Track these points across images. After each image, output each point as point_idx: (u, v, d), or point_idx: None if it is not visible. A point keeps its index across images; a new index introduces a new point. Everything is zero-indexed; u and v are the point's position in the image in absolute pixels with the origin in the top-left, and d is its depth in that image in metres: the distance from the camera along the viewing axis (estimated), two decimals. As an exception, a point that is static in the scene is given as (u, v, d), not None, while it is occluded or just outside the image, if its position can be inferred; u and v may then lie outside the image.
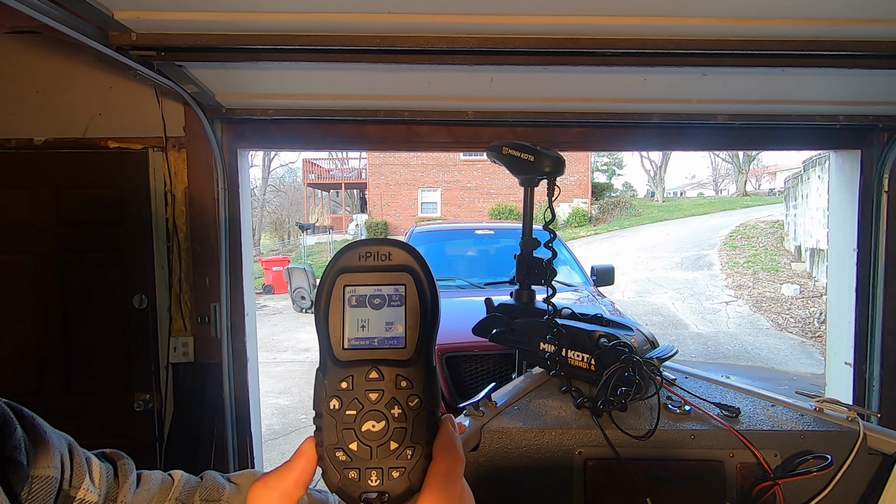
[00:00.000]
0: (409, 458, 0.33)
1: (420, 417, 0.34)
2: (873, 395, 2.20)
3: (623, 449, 0.84)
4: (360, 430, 0.33)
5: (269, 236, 31.28)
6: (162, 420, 2.09)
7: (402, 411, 0.33)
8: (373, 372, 0.34)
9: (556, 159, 0.99)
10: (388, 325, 0.35)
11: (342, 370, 0.34)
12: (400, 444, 0.33)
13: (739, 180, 30.15)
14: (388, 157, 21.91)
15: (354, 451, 0.33)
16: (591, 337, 0.94)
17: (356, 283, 0.35)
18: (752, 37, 1.40)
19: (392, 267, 0.35)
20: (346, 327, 0.35)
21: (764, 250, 13.77)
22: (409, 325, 0.35)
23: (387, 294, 0.35)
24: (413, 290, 0.35)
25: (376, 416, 0.33)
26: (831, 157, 2.45)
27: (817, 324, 8.47)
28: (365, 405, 0.33)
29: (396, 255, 0.35)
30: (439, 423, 0.35)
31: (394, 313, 0.35)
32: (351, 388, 0.34)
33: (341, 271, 0.35)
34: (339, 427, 0.33)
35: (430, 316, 0.35)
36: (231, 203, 2.10)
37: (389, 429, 0.33)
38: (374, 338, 0.34)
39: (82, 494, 0.55)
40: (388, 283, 0.35)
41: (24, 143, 2.03)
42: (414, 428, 0.34)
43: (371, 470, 0.33)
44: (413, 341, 0.34)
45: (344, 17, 1.33)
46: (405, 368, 0.34)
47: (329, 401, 0.34)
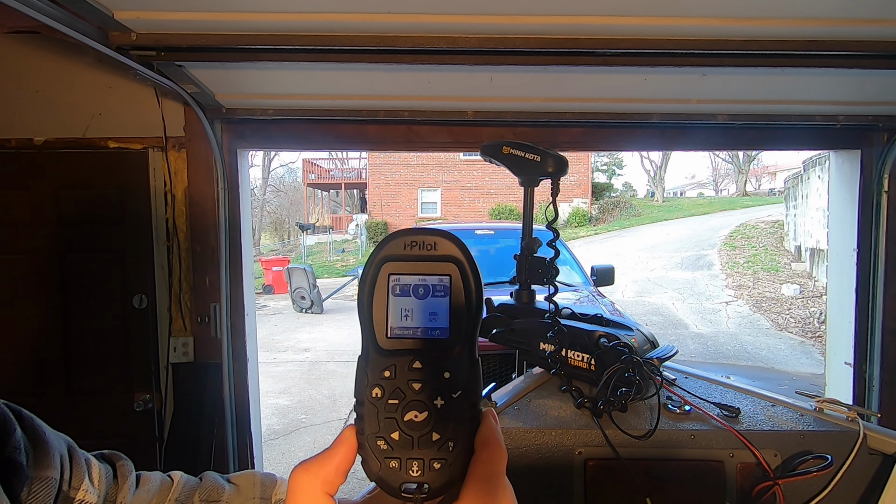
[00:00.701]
0: (451, 449, 0.33)
1: (462, 409, 0.33)
2: (873, 395, 2.20)
3: (623, 449, 0.84)
4: (402, 420, 0.33)
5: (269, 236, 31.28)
6: (162, 420, 2.09)
7: (444, 402, 0.33)
8: (416, 362, 0.33)
9: (560, 159, 0.99)
10: (432, 316, 0.34)
11: (385, 359, 0.34)
12: (442, 436, 0.33)
13: (739, 180, 30.16)
14: (388, 157, 21.91)
15: (396, 440, 0.33)
16: (591, 337, 0.94)
17: (401, 271, 0.34)
18: (752, 37, 1.40)
19: (437, 257, 0.34)
20: (389, 316, 0.34)
21: (764, 250, 13.77)
22: (453, 317, 0.34)
23: (431, 284, 0.34)
24: (458, 281, 0.34)
25: (419, 406, 0.33)
26: (831, 157, 2.45)
27: (817, 324, 8.48)
28: (407, 395, 0.33)
29: (442, 245, 0.35)
30: (481, 416, 0.34)
31: (438, 304, 0.34)
32: (394, 377, 0.33)
33: (386, 259, 0.35)
34: (380, 416, 0.33)
35: (474, 308, 0.34)
36: (231, 203, 2.10)
37: (431, 420, 0.33)
38: (417, 328, 0.34)
39: (81, 495, 0.55)
40: (433, 273, 0.34)
41: (24, 143, 2.03)
42: (456, 420, 0.33)
43: (412, 460, 0.33)
44: (457, 333, 0.34)
45: (344, 17, 1.33)
46: (448, 360, 0.34)
47: (371, 389, 0.33)
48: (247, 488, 0.65)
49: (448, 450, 0.33)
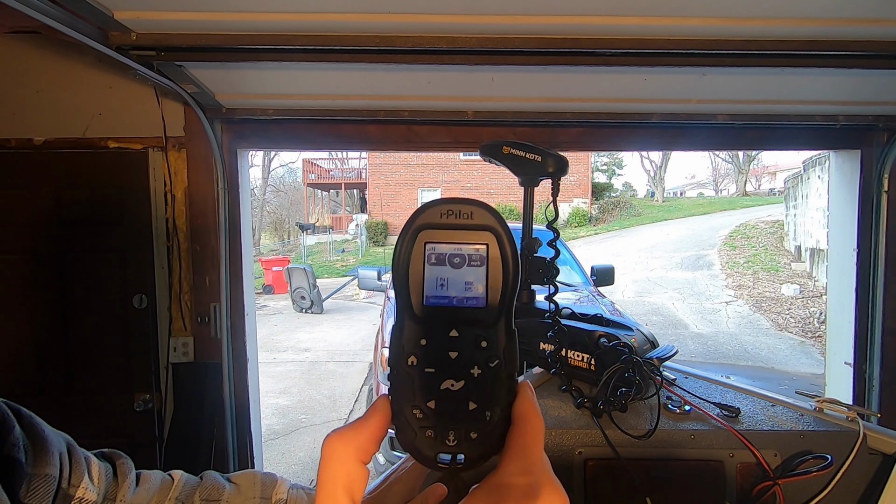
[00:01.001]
0: (488, 420, 0.32)
1: (500, 379, 0.33)
2: (873, 395, 2.20)
3: (623, 449, 0.84)
4: (438, 389, 0.32)
5: (269, 236, 31.28)
6: (162, 420, 2.09)
7: (481, 372, 0.32)
8: (453, 330, 0.33)
9: (560, 159, 0.99)
10: (468, 285, 0.34)
11: (421, 327, 0.33)
12: (479, 406, 0.32)
13: (739, 180, 30.16)
14: (388, 157, 21.91)
15: (432, 409, 0.32)
16: (591, 337, 0.94)
17: (437, 240, 0.34)
18: (752, 37, 1.40)
19: (474, 226, 0.34)
20: (425, 284, 0.34)
21: (764, 250, 13.77)
22: (490, 286, 0.33)
23: (467, 253, 0.34)
24: (495, 251, 0.34)
25: (456, 374, 0.32)
26: (831, 157, 2.45)
27: (817, 324, 8.48)
28: (444, 363, 0.33)
29: (479, 214, 0.34)
30: (518, 387, 0.34)
31: (474, 273, 0.34)
32: (430, 345, 0.33)
33: (422, 228, 0.34)
34: (416, 384, 0.32)
35: (511, 277, 0.34)
36: (231, 203, 2.10)
37: (468, 389, 0.32)
38: (453, 296, 0.33)
39: (81, 493, 0.55)
40: (469, 243, 0.34)
41: (24, 143, 2.03)
42: (493, 390, 0.32)
43: (448, 430, 0.32)
44: (494, 302, 0.33)
45: (344, 17, 1.33)
46: (485, 329, 0.33)
47: (407, 357, 0.33)
48: (247, 488, 0.65)
49: (485, 420, 0.32)
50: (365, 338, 8.25)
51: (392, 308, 3.73)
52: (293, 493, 0.66)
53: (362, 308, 11.01)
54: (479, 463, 0.32)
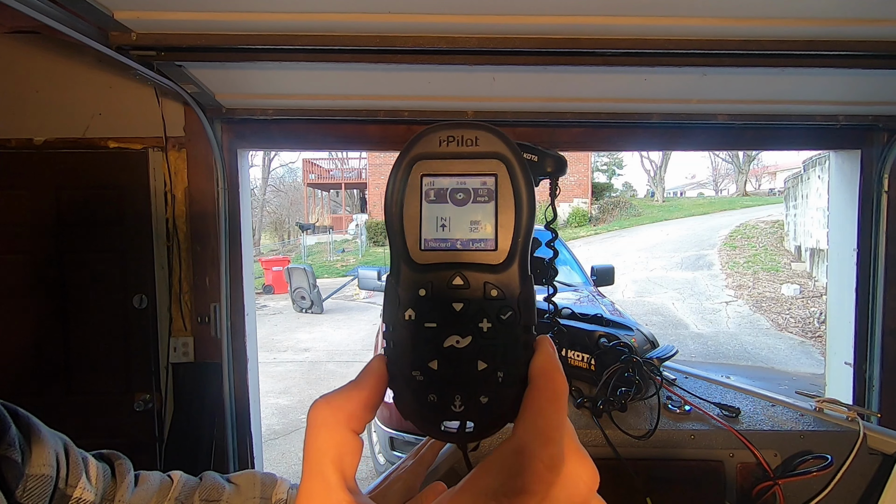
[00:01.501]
0: (501, 381, 0.28)
1: (513, 334, 0.28)
2: (873, 395, 2.20)
3: (623, 449, 0.84)
4: (441, 347, 0.28)
5: (269, 236, 31.29)
6: (162, 420, 2.09)
7: (491, 325, 0.28)
8: (457, 278, 0.28)
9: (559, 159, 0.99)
10: (474, 225, 0.29)
11: (419, 275, 0.28)
12: (489, 365, 0.28)
13: (739, 180, 30.16)
14: (388, 157, 21.88)
15: (434, 370, 0.28)
16: (591, 337, 0.94)
17: (436, 172, 0.29)
18: (752, 37, 1.40)
19: (479, 154, 0.29)
20: (423, 225, 0.29)
21: (764, 250, 13.77)
22: (500, 225, 0.28)
23: (472, 187, 0.29)
24: (506, 182, 0.29)
25: (461, 329, 0.28)
26: (831, 157, 2.45)
27: (817, 324, 8.48)
28: (447, 317, 0.28)
29: (485, 139, 0.29)
30: (536, 342, 0.29)
31: (481, 210, 0.29)
32: (430, 296, 0.28)
33: (418, 158, 0.29)
34: (415, 342, 0.28)
35: (525, 213, 0.29)
36: (231, 203, 2.10)
37: (476, 345, 0.28)
38: (457, 239, 0.29)
39: (79, 493, 0.55)
40: (474, 174, 0.29)
41: (24, 143, 2.03)
42: (506, 346, 0.28)
43: (454, 394, 0.28)
44: (505, 243, 0.28)
45: (344, 17, 1.33)
46: (496, 275, 0.28)
47: (404, 311, 0.28)
48: (247, 488, 0.65)
49: (497, 381, 0.28)
50: (365, 338, 8.25)
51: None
52: (293, 493, 0.66)
53: (362, 308, 11.01)
54: (492, 431, 0.28)
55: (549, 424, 0.26)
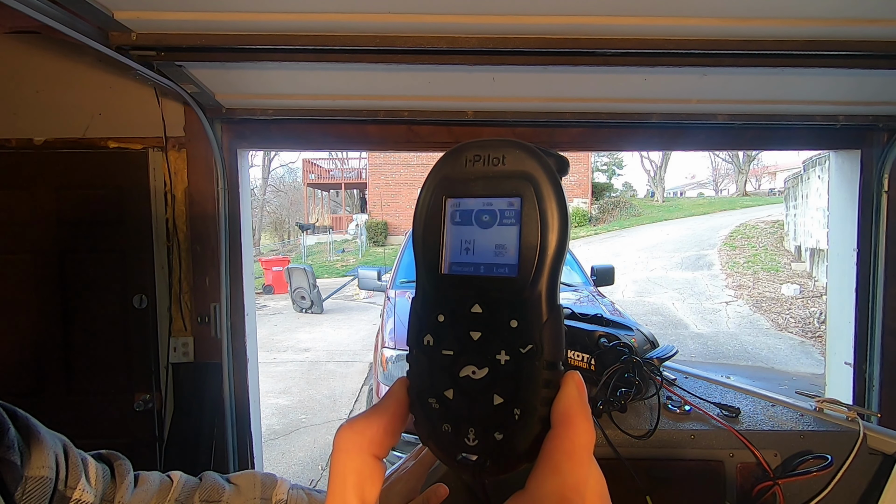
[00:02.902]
0: (517, 419, 0.26)
1: (533, 369, 0.26)
2: (873, 395, 2.20)
3: (623, 449, 0.84)
4: (457, 376, 0.27)
5: (269, 236, 31.28)
6: (162, 420, 2.09)
7: (510, 358, 0.26)
8: (476, 305, 0.27)
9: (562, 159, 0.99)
10: (499, 248, 0.27)
11: (439, 300, 0.28)
12: (506, 400, 0.26)
13: (739, 180, 30.15)
14: (388, 157, 21.90)
15: (450, 400, 0.27)
16: (591, 337, 0.94)
17: (461, 194, 0.28)
18: (752, 37, 1.40)
19: (506, 174, 0.27)
20: (445, 248, 0.28)
21: (764, 250, 13.77)
22: (524, 249, 0.27)
23: (498, 209, 0.27)
24: (532, 205, 0.27)
25: (478, 360, 0.27)
26: (831, 157, 2.45)
27: (817, 324, 8.48)
28: (465, 345, 0.27)
29: (512, 158, 0.28)
30: (563, 380, 0.27)
31: (506, 233, 0.27)
32: (449, 322, 0.27)
33: (443, 179, 0.29)
34: (433, 368, 0.27)
35: (553, 238, 0.26)
36: (231, 203, 2.10)
37: (493, 378, 0.26)
38: (480, 263, 0.28)
39: (78, 495, 0.55)
40: (500, 195, 0.27)
41: (24, 143, 2.03)
42: (525, 382, 0.26)
43: (468, 426, 0.27)
44: (529, 270, 0.26)
45: (344, 17, 1.33)
46: (518, 304, 0.26)
47: (423, 335, 0.28)
48: (247, 488, 0.65)
49: (513, 418, 0.26)
50: (365, 338, 8.25)
51: (391, 308, 3.73)
52: (293, 493, 0.66)
53: (362, 308, 11.01)
54: (508, 470, 0.27)
55: (566, 483, 0.24)
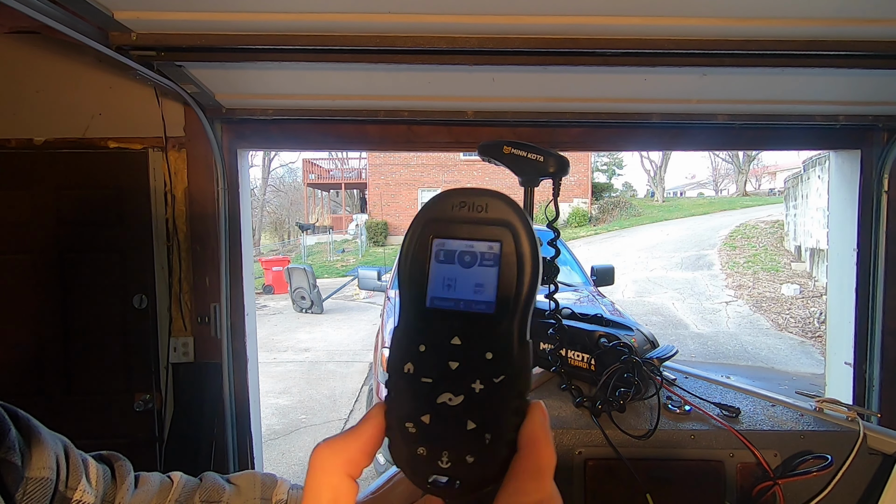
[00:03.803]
0: (488, 443, 0.28)
1: (504, 398, 0.29)
2: (873, 395, 2.20)
3: (623, 449, 0.84)
4: (434, 402, 0.29)
5: (269, 236, 31.28)
6: (162, 420, 2.09)
7: (484, 387, 0.29)
8: (455, 337, 0.30)
9: (562, 159, 0.99)
10: (478, 287, 0.30)
11: (421, 330, 0.30)
12: (478, 426, 0.29)
13: (739, 180, 30.15)
14: (388, 157, 21.90)
15: (426, 424, 0.29)
16: (591, 337, 0.94)
17: (446, 235, 0.31)
18: (752, 37, 1.40)
19: (488, 221, 0.30)
20: (430, 284, 0.31)
21: (764, 250, 13.77)
22: (501, 289, 0.30)
23: (479, 251, 0.30)
24: (510, 250, 0.30)
25: (455, 388, 0.29)
26: (831, 157, 2.45)
27: (817, 324, 8.48)
28: (443, 374, 0.29)
29: (494, 206, 0.30)
30: (529, 408, 0.30)
31: (485, 274, 0.30)
32: (429, 352, 0.30)
33: (430, 220, 0.31)
34: (411, 395, 0.30)
35: (527, 280, 0.30)
36: (231, 203, 2.10)
37: (468, 405, 0.29)
38: (460, 300, 0.30)
39: (79, 496, 0.55)
40: (481, 239, 0.30)
41: (24, 143, 2.03)
42: (496, 409, 0.29)
43: (442, 450, 0.29)
44: (504, 308, 0.30)
45: (344, 17, 1.33)
46: (493, 338, 0.29)
47: (403, 363, 0.30)
48: (247, 489, 0.65)
49: (484, 442, 0.28)
50: (365, 338, 8.25)
51: (391, 308, 3.72)
52: (293, 493, 0.66)
53: (362, 308, 11.01)
54: (477, 490, 0.29)
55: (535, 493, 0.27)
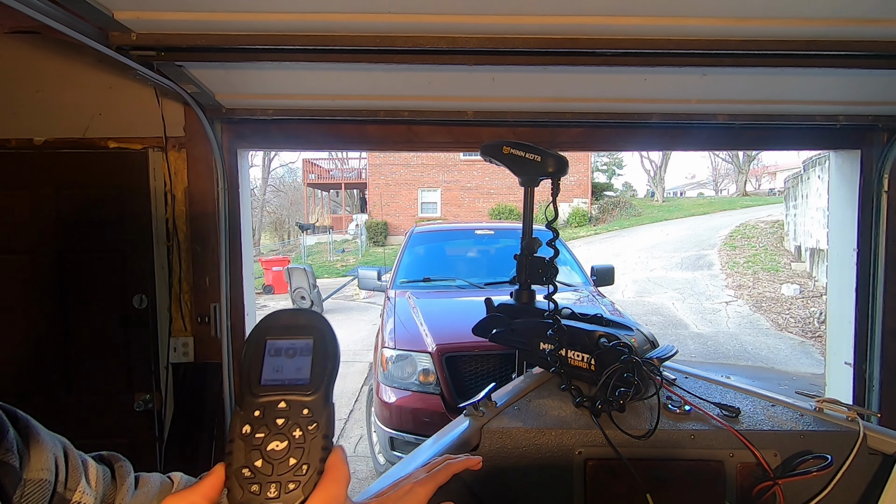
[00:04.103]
0: (304, 472, 0.40)
1: (316, 439, 0.41)
2: (873, 395, 2.20)
3: (623, 449, 0.84)
4: (265, 450, 0.40)
5: (269, 236, 31.27)
6: (162, 420, 2.09)
7: (301, 433, 0.41)
8: (282, 403, 0.41)
9: (561, 159, 0.99)
10: (298, 369, 0.43)
11: (257, 402, 0.41)
12: (298, 461, 0.40)
13: (739, 180, 30.15)
14: (388, 157, 21.90)
15: (259, 467, 0.39)
16: (591, 337, 0.93)
17: (276, 337, 0.45)
18: (752, 37, 1.40)
19: (303, 328, 0.45)
20: (264, 370, 0.43)
21: (764, 250, 13.76)
22: (313, 368, 0.43)
23: (298, 346, 0.44)
24: (318, 345, 0.44)
25: (280, 437, 0.40)
26: (831, 157, 2.45)
27: (817, 324, 8.47)
28: (272, 429, 0.40)
29: (304, 318, 0.46)
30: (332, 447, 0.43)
31: (302, 360, 0.44)
32: (262, 416, 0.41)
33: (264, 329, 0.45)
34: (247, 448, 0.40)
35: (330, 363, 0.44)
36: (231, 203, 2.10)
37: (290, 447, 0.40)
38: (285, 378, 0.43)
39: (78, 497, 0.54)
40: (300, 339, 0.45)
41: (24, 143, 2.03)
42: (310, 447, 0.41)
43: (271, 483, 0.39)
44: (317, 381, 0.43)
45: (344, 17, 1.33)
46: (308, 400, 0.42)
47: (242, 426, 0.40)
48: None
49: (302, 472, 0.40)
50: (365, 338, 8.25)
51: (392, 308, 3.73)
52: None
53: (362, 308, 11.00)
54: None
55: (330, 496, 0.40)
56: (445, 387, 2.98)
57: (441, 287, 4.19)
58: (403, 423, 3.01)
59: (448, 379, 2.99)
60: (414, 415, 2.99)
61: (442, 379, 2.99)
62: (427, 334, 3.18)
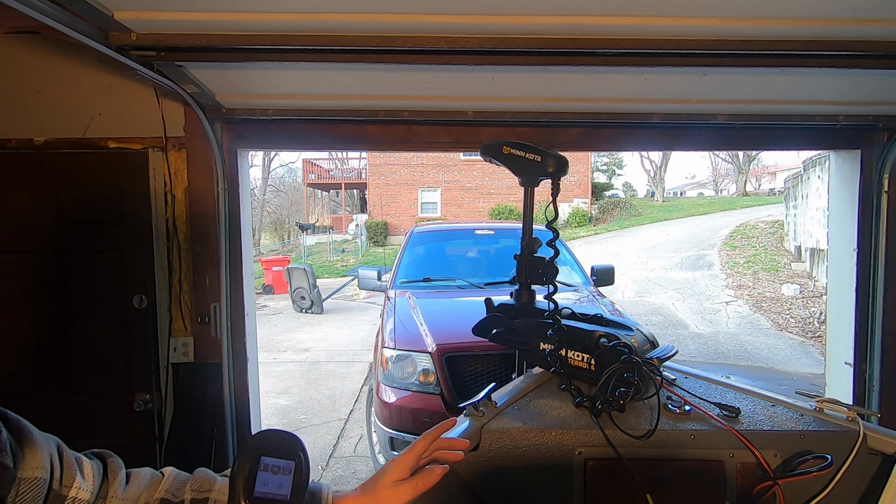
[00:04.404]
0: None
1: None
2: (873, 395, 2.20)
3: (623, 449, 0.84)
4: None
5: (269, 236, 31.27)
6: (162, 420, 2.09)
7: None
8: None
9: (561, 159, 0.99)
10: (280, 485, 0.59)
11: None
12: None
13: (739, 180, 30.15)
14: (388, 157, 21.90)
15: None
16: (591, 337, 0.94)
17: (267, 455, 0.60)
18: (752, 37, 1.40)
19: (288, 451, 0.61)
20: (256, 482, 0.58)
21: (764, 250, 13.76)
22: (294, 484, 0.60)
23: (282, 465, 0.60)
24: (300, 467, 0.61)
25: None
26: (831, 157, 2.45)
27: (817, 324, 8.47)
28: None
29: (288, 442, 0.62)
30: None
31: (284, 479, 0.60)
32: None
33: (255, 450, 0.60)
34: None
35: (304, 481, 0.61)
36: (231, 203, 2.10)
37: None
38: (269, 492, 0.58)
39: (74, 493, 0.55)
40: (285, 459, 0.60)
41: (24, 143, 2.02)
42: None
43: None
44: (295, 494, 0.59)
45: (344, 17, 1.33)
46: None
47: None
48: None
49: None
50: (365, 338, 8.25)
51: (391, 308, 3.73)
52: None
53: (362, 308, 11.00)
54: None
55: None
56: (445, 387, 2.98)
57: (441, 287, 4.19)
58: (403, 423, 3.01)
59: (448, 379, 2.99)
60: (414, 415, 2.99)
61: (442, 379, 2.99)
62: (427, 334, 3.18)
